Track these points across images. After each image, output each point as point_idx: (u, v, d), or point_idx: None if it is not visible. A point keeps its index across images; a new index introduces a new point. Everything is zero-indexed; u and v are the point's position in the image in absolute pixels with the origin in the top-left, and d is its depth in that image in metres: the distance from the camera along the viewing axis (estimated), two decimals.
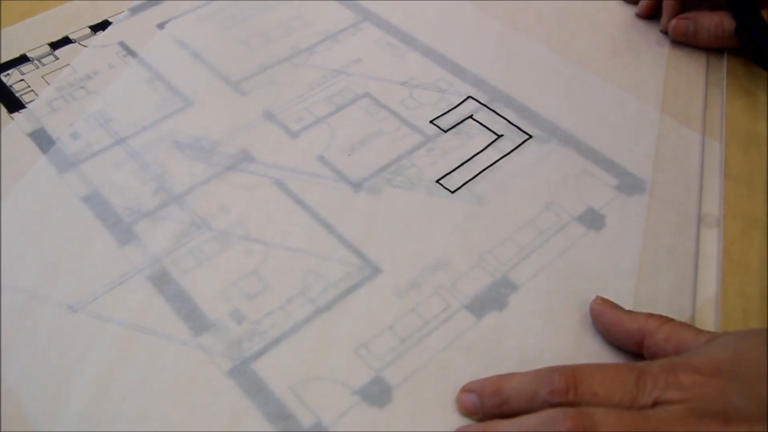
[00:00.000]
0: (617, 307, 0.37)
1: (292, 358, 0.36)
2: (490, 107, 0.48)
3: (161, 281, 0.39)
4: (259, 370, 0.36)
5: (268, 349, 0.36)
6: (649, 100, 0.48)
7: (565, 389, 0.32)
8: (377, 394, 0.35)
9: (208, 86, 0.50)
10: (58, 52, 0.53)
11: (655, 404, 0.31)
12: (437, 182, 0.44)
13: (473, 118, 0.47)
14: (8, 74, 0.51)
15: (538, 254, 0.40)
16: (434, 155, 0.45)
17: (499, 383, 0.33)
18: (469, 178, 0.44)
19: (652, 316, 0.35)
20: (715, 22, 0.50)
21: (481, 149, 0.45)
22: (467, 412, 0.34)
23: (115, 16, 0.55)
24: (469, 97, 0.49)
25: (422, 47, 0.52)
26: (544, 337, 0.37)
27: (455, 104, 0.48)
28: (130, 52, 0.52)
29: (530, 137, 0.46)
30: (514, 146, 0.46)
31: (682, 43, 0.52)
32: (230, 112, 0.48)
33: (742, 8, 0.48)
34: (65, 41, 0.54)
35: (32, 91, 0.50)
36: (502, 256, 0.40)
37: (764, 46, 0.47)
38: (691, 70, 0.50)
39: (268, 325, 0.37)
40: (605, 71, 0.50)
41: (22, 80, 0.51)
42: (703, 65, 0.51)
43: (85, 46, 0.53)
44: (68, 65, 0.51)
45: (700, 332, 0.34)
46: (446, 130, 0.47)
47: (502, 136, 0.46)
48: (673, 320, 0.35)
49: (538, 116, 0.47)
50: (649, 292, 0.38)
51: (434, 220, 0.42)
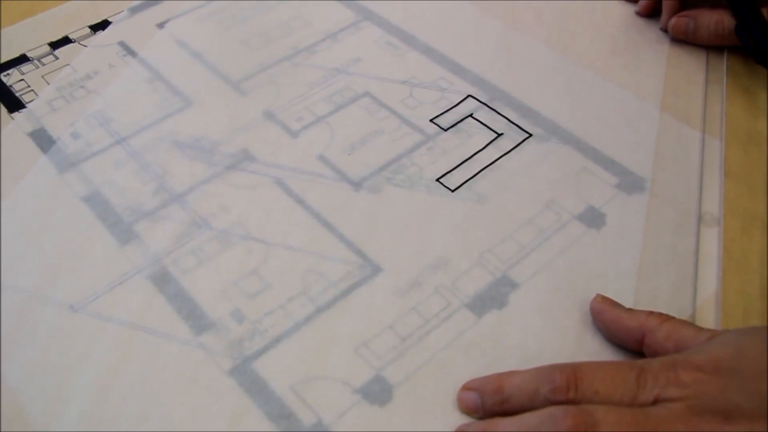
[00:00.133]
0: (617, 305, 0.37)
1: (292, 357, 0.36)
2: (490, 106, 0.48)
3: (162, 281, 0.39)
4: (259, 369, 0.36)
5: (268, 348, 0.36)
6: (649, 98, 0.48)
7: (565, 387, 0.32)
8: (378, 392, 0.35)
9: (208, 86, 0.50)
10: (58, 51, 0.53)
11: (655, 402, 0.31)
12: (437, 181, 0.44)
13: (473, 116, 0.47)
14: (8, 74, 0.51)
15: (538, 253, 0.40)
16: (434, 154, 0.45)
17: (499, 381, 0.33)
18: (469, 176, 0.44)
19: (652, 314, 0.35)
20: (715, 20, 0.50)
21: (481, 148, 0.45)
22: (468, 410, 0.34)
23: (114, 15, 0.55)
24: (469, 95, 0.49)
25: (422, 46, 0.52)
26: (544, 335, 0.37)
27: (455, 103, 0.48)
28: (130, 51, 0.52)
29: (530, 136, 0.46)
30: (514, 145, 0.46)
31: (681, 41, 0.52)
32: (230, 111, 0.48)
33: (742, 6, 0.48)
34: (65, 41, 0.54)
35: (32, 90, 0.50)
36: (502, 254, 0.40)
37: (764, 44, 0.47)
38: (690, 68, 0.50)
39: (268, 324, 0.37)
40: (605, 70, 0.50)
41: (22, 80, 0.51)
42: (702, 63, 0.51)
43: (85, 45, 0.53)
44: (68, 65, 0.51)
45: (700, 330, 0.34)
46: (446, 128, 0.47)
47: (502, 134, 0.46)
48: (673, 318, 0.35)
49: (538, 115, 0.47)
50: (649, 290, 0.38)
51: (434, 219, 0.42)
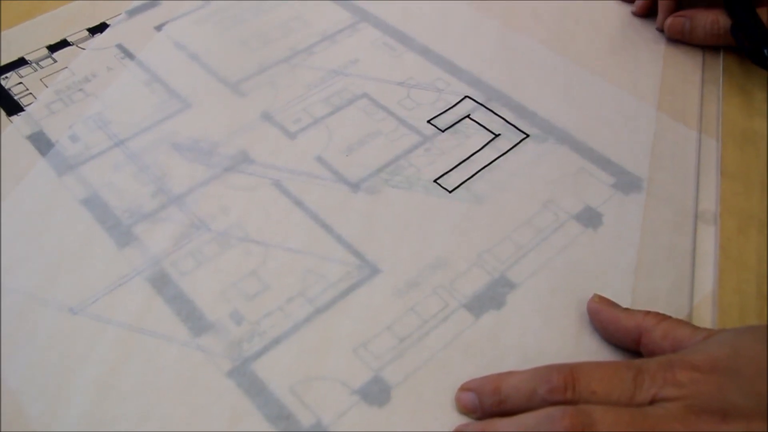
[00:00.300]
0: (614, 305, 0.37)
1: (291, 358, 0.36)
2: (487, 107, 0.48)
3: (161, 283, 0.39)
4: (258, 370, 0.36)
5: (267, 349, 0.37)
6: (645, 98, 0.48)
7: (563, 387, 0.32)
8: (376, 393, 0.35)
9: (206, 88, 0.50)
10: (56, 54, 0.53)
11: (653, 401, 0.31)
12: (435, 182, 0.44)
13: (470, 117, 0.47)
14: (6, 77, 0.51)
15: (536, 253, 0.40)
16: (432, 155, 0.45)
17: (497, 382, 0.34)
18: (466, 177, 0.44)
19: (649, 313, 0.35)
20: (710, 19, 0.50)
21: (478, 149, 0.46)
22: (466, 410, 0.34)
23: (112, 18, 0.55)
24: (466, 96, 0.49)
25: (419, 47, 0.52)
26: (542, 335, 0.37)
27: (452, 104, 0.48)
28: (128, 54, 0.52)
29: (527, 136, 0.46)
30: (511, 145, 0.46)
31: (678, 41, 0.52)
32: (229, 113, 0.48)
33: (737, 6, 0.48)
34: (63, 44, 0.54)
35: (31, 94, 0.50)
36: (500, 255, 0.40)
37: (760, 43, 0.47)
38: (687, 68, 0.51)
39: (267, 325, 0.37)
40: (602, 70, 0.50)
41: (20, 83, 0.51)
42: (699, 63, 0.51)
43: (83, 48, 0.53)
44: (66, 68, 0.52)
45: (697, 329, 0.34)
46: (444, 129, 0.47)
47: (499, 135, 0.46)
48: (670, 318, 0.35)
49: (535, 115, 0.47)
50: (646, 289, 0.39)
51: (432, 219, 0.42)
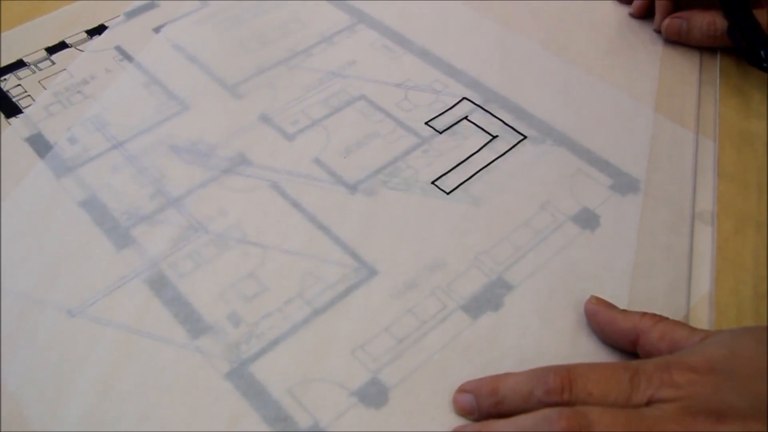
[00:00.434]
0: (612, 306, 0.37)
1: (289, 360, 0.36)
2: (485, 108, 0.48)
3: (159, 285, 0.39)
4: (256, 372, 0.36)
5: (265, 351, 0.37)
6: (643, 99, 0.48)
7: (560, 389, 0.32)
8: (374, 395, 0.35)
9: (204, 90, 0.50)
10: (54, 56, 0.53)
11: (649, 403, 0.31)
12: (433, 183, 0.44)
13: (468, 119, 0.47)
14: (5, 79, 0.51)
15: (533, 254, 0.40)
16: (430, 156, 0.45)
17: (494, 383, 0.34)
18: (464, 179, 0.44)
19: (646, 314, 0.35)
20: (707, 21, 0.50)
21: (476, 150, 0.46)
22: (463, 412, 0.34)
23: (111, 20, 0.56)
24: (464, 98, 0.49)
25: (417, 49, 0.52)
26: (539, 337, 0.37)
27: (450, 105, 0.48)
28: (126, 56, 0.53)
29: (525, 138, 0.46)
30: (509, 147, 0.46)
31: (675, 42, 0.52)
32: (227, 115, 0.48)
33: (734, 7, 0.48)
34: (62, 46, 0.54)
35: (29, 96, 0.50)
36: (497, 256, 0.40)
37: (756, 44, 0.47)
38: (684, 69, 0.51)
39: (265, 327, 0.37)
40: (600, 71, 0.51)
41: (18, 85, 0.51)
42: (696, 64, 0.51)
43: (81, 50, 0.53)
44: (65, 70, 0.52)
45: (694, 330, 0.34)
46: (441, 131, 0.47)
47: (497, 137, 0.46)
48: (667, 319, 0.35)
49: (532, 117, 0.47)
50: (643, 290, 0.39)
51: (430, 221, 0.42)
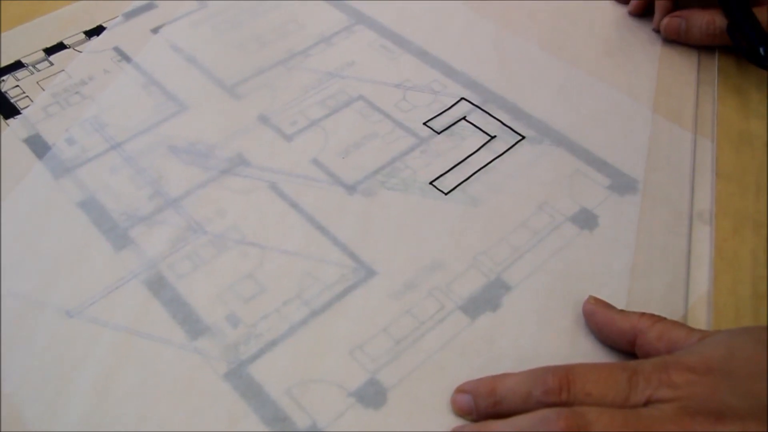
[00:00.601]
0: (610, 306, 0.37)
1: (287, 360, 0.36)
2: (483, 108, 0.48)
3: (157, 286, 0.39)
4: (255, 373, 0.36)
5: (263, 352, 0.37)
6: (641, 99, 0.48)
7: (558, 389, 0.32)
8: (372, 395, 0.35)
9: (203, 90, 0.50)
10: (52, 57, 0.53)
11: (647, 403, 0.31)
12: (431, 184, 0.44)
13: (466, 119, 0.47)
14: (3, 80, 0.51)
15: (531, 255, 0.40)
16: (428, 157, 0.45)
17: (493, 384, 0.34)
18: (462, 179, 0.44)
19: (644, 315, 0.35)
20: (706, 19, 0.50)
21: (474, 151, 0.46)
22: (462, 412, 0.34)
23: (109, 21, 0.56)
24: (462, 98, 0.49)
25: (415, 49, 0.52)
26: (538, 337, 0.37)
27: (448, 106, 0.48)
28: (124, 57, 0.53)
29: (523, 138, 0.46)
30: (507, 147, 0.46)
31: (674, 41, 0.52)
32: (225, 116, 0.48)
33: (733, 6, 0.48)
34: (60, 47, 0.54)
35: (27, 97, 0.50)
36: (496, 257, 0.40)
37: (756, 43, 0.47)
38: (683, 69, 0.51)
39: (263, 328, 0.38)
40: (598, 71, 0.51)
41: (17, 86, 0.51)
42: (694, 64, 0.51)
43: (79, 51, 0.53)
44: (63, 71, 0.52)
45: (692, 331, 0.34)
46: (439, 131, 0.47)
47: (495, 137, 0.46)
48: (665, 319, 0.35)
49: (531, 117, 0.47)
50: (642, 291, 0.39)
51: (428, 221, 0.42)
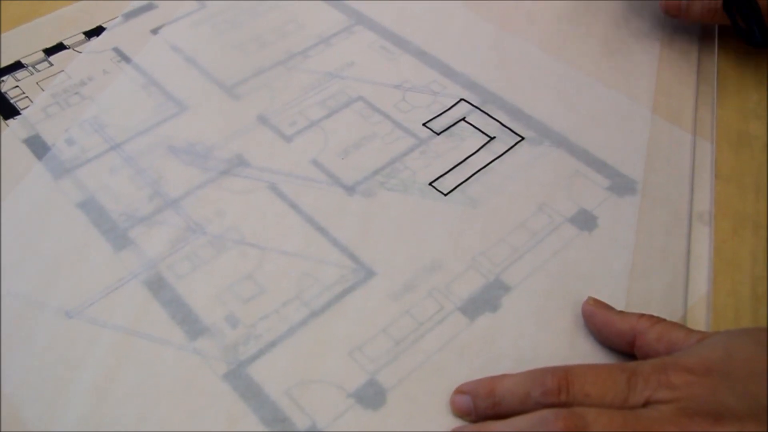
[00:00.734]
0: (609, 307, 0.37)
1: (287, 361, 0.36)
2: (482, 109, 0.48)
3: (157, 286, 0.39)
4: (254, 373, 0.36)
5: (263, 352, 0.37)
6: (640, 100, 0.48)
7: (557, 390, 0.32)
8: (372, 396, 0.35)
9: (202, 91, 0.50)
10: (52, 58, 0.53)
11: (646, 404, 0.31)
12: (430, 185, 0.44)
13: (466, 120, 0.48)
14: (3, 81, 0.51)
15: (531, 256, 0.40)
16: (427, 158, 0.45)
17: (492, 385, 0.34)
18: (462, 180, 0.44)
19: (643, 316, 0.35)
20: None
21: (473, 151, 0.46)
22: (461, 413, 0.34)
23: (109, 21, 0.56)
24: (461, 99, 0.49)
25: (415, 50, 0.52)
26: (537, 338, 0.37)
27: (448, 107, 0.48)
28: (124, 57, 0.53)
29: (522, 139, 0.46)
30: (506, 148, 0.46)
31: (675, 18, 0.50)
32: (225, 116, 0.48)
33: None
34: (59, 47, 0.54)
35: (27, 97, 0.50)
36: (495, 257, 0.40)
37: (751, 21, 0.47)
38: (682, 70, 0.51)
39: (263, 328, 0.38)
40: (597, 72, 0.51)
41: (16, 87, 0.51)
42: (694, 66, 0.51)
43: (79, 52, 0.53)
44: (63, 71, 0.52)
45: (691, 332, 0.34)
46: (439, 132, 0.47)
47: (494, 138, 0.46)
48: (664, 320, 0.35)
49: (530, 118, 0.47)
50: (641, 292, 0.39)
51: (427, 222, 0.42)
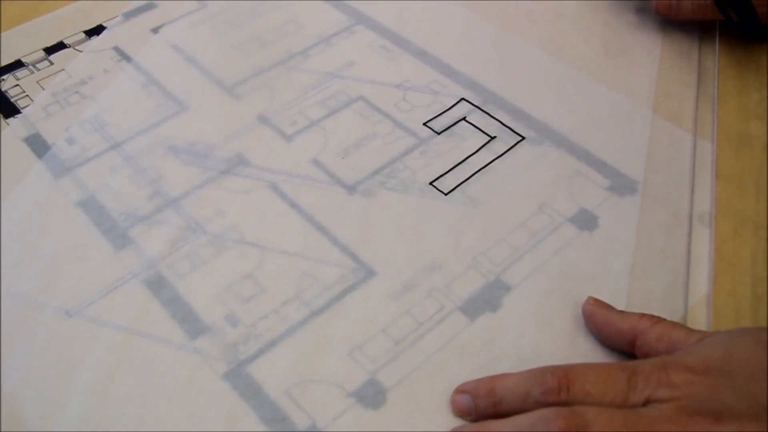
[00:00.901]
0: (609, 307, 0.37)
1: (287, 360, 0.36)
2: (483, 109, 0.48)
3: (157, 285, 0.39)
4: (254, 373, 0.36)
5: (263, 352, 0.37)
6: (641, 100, 0.48)
7: (557, 389, 0.32)
8: (372, 396, 0.35)
9: (202, 90, 0.50)
10: (52, 57, 0.53)
11: (646, 403, 0.31)
12: (431, 184, 0.44)
13: (466, 120, 0.48)
14: (3, 79, 0.51)
15: (531, 255, 0.40)
16: (428, 157, 0.45)
17: (492, 384, 0.34)
18: (462, 180, 0.44)
19: (644, 316, 0.35)
20: None
21: (474, 151, 0.46)
22: (461, 413, 0.34)
23: (109, 20, 0.56)
24: (462, 99, 0.49)
25: (415, 50, 0.52)
26: (537, 337, 0.37)
27: (448, 106, 0.48)
28: (124, 56, 0.53)
29: (523, 139, 0.46)
30: (507, 148, 0.46)
31: (667, 18, 0.51)
32: (225, 116, 0.48)
33: None
34: (60, 46, 0.54)
35: (27, 96, 0.50)
36: (495, 257, 0.40)
37: (742, 12, 0.47)
38: (682, 70, 0.51)
39: (263, 328, 0.38)
40: (597, 72, 0.51)
41: (17, 85, 0.51)
42: (694, 66, 0.51)
43: (79, 51, 0.53)
44: (63, 70, 0.52)
45: (691, 331, 0.34)
46: (439, 132, 0.47)
47: (495, 137, 0.46)
48: (664, 320, 0.35)
49: (531, 118, 0.47)
50: (641, 292, 0.39)
51: (428, 222, 0.42)
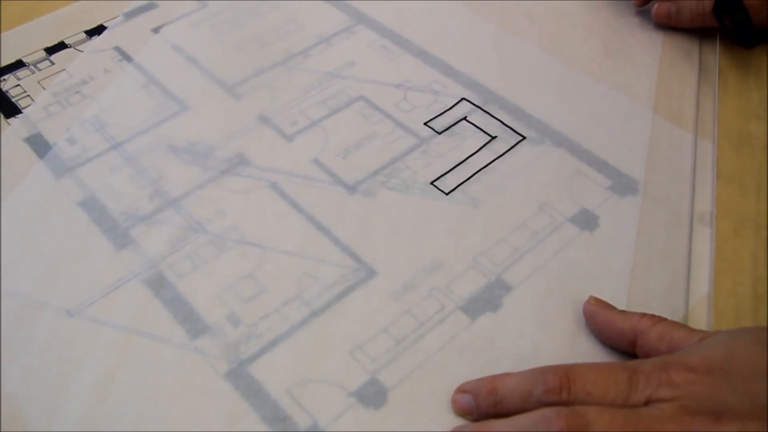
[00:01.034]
0: (610, 307, 0.37)
1: (288, 360, 0.36)
2: (483, 109, 0.48)
3: (158, 285, 0.39)
4: (255, 372, 0.36)
5: (264, 351, 0.37)
6: (641, 100, 0.49)
7: (558, 388, 0.32)
8: (373, 395, 0.35)
9: (203, 90, 0.50)
10: (53, 57, 0.53)
11: (647, 402, 0.31)
12: (431, 184, 0.44)
13: (467, 119, 0.48)
14: (4, 80, 0.51)
15: (532, 255, 0.40)
16: (428, 157, 0.45)
17: (493, 383, 0.34)
18: (463, 179, 0.44)
19: (645, 315, 0.35)
20: (695, 1, 0.51)
21: (475, 151, 0.46)
22: (462, 412, 0.34)
23: (110, 20, 0.56)
24: (462, 98, 0.49)
25: (416, 49, 0.52)
26: (538, 337, 0.37)
27: (449, 106, 0.48)
28: (125, 56, 0.53)
29: (524, 138, 0.46)
30: (507, 148, 0.46)
31: (669, 29, 0.52)
32: (225, 116, 0.48)
33: None
34: (61, 46, 0.54)
35: (28, 96, 0.50)
36: (496, 257, 0.40)
37: (739, 22, 0.47)
38: (683, 70, 0.51)
39: (264, 328, 0.38)
40: (598, 72, 0.51)
41: (18, 85, 0.51)
42: (695, 66, 0.51)
43: (80, 51, 0.53)
44: (64, 70, 0.52)
45: (692, 331, 0.34)
46: (440, 132, 0.47)
47: (495, 137, 0.46)
48: (665, 319, 0.35)
49: (531, 118, 0.47)
50: (642, 291, 0.39)
51: (429, 222, 0.42)
